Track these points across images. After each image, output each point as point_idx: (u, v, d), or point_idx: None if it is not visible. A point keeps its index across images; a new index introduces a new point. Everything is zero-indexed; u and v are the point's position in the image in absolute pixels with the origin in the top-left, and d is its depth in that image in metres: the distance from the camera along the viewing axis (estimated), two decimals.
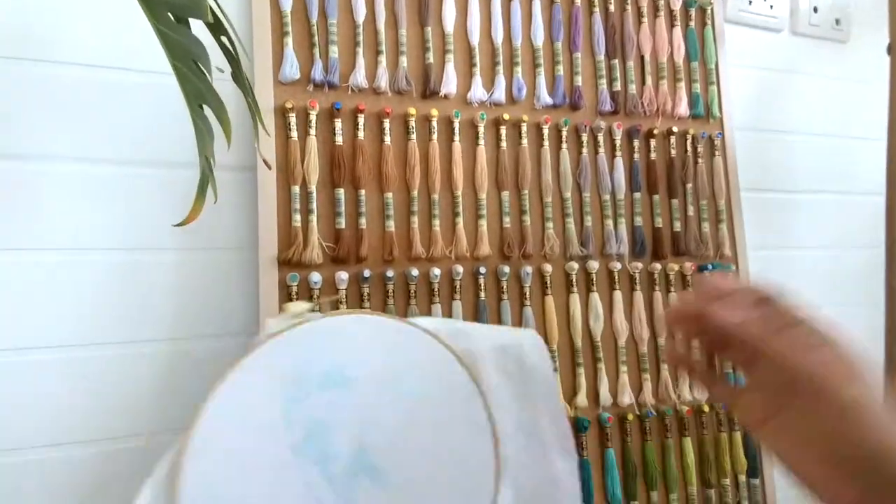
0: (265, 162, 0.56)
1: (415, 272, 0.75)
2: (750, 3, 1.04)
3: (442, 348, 0.46)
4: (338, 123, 0.74)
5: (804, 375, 0.32)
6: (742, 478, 0.90)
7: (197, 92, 0.47)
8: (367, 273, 0.72)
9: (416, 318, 0.50)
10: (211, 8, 0.47)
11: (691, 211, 0.92)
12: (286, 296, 0.70)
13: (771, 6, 1.06)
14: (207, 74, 0.46)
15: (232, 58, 0.49)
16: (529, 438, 0.47)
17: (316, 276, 0.70)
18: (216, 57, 0.48)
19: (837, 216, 1.10)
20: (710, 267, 0.92)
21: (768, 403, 0.34)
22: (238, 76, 0.51)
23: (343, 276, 0.71)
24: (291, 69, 0.72)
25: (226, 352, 0.72)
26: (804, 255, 1.07)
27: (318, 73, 0.73)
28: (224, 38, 0.47)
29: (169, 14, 0.46)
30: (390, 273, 0.74)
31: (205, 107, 0.47)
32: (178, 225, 0.48)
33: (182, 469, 0.42)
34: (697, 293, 0.38)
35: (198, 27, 0.45)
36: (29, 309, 0.65)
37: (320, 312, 0.49)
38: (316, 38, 0.74)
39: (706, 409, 0.88)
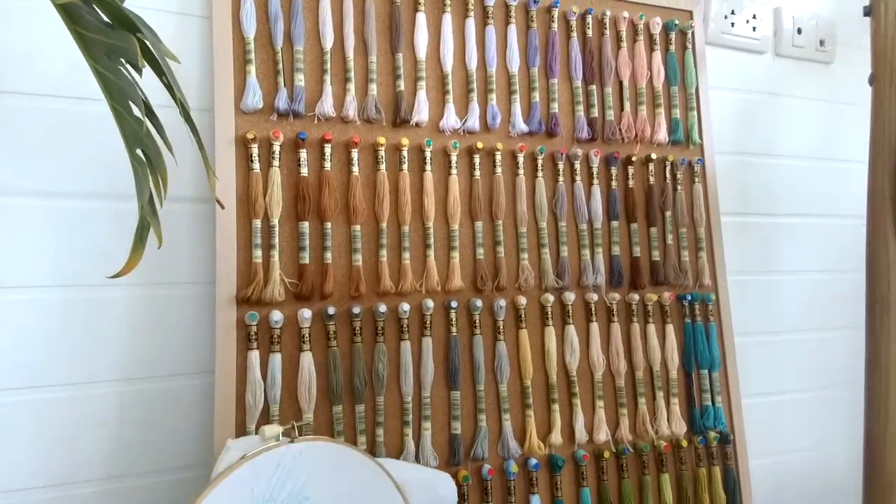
0: (219, 202, 0.53)
1: (383, 308, 0.72)
2: (732, 25, 1.02)
3: (387, 479, 0.57)
4: (303, 154, 0.71)
5: None
6: None
7: (134, 135, 0.44)
8: (331, 310, 0.70)
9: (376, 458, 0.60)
10: (149, 49, 0.44)
11: (670, 239, 0.90)
12: (244, 336, 0.67)
13: (754, 28, 1.04)
14: (143, 118, 0.43)
15: (176, 98, 0.47)
16: None
17: (277, 315, 0.67)
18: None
19: (820, 240, 1.08)
20: (689, 297, 0.89)
21: None
22: (184, 116, 0.48)
23: (306, 313, 0.69)
24: (254, 98, 0.69)
25: (180, 393, 0.69)
26: (785, 280, 1.05)
27: (282, 101, 0.70)
28: (163, 80, 0.45)
29: (104, 54, 0.43)
30: (357, 309, 0.71)
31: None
32: (114, 276, 0.45)
33: None
34: None
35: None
36: None
37: (289, 437, 0.54)
38: (281, 65, 0.71)
39: (684, 443, 0.86)
